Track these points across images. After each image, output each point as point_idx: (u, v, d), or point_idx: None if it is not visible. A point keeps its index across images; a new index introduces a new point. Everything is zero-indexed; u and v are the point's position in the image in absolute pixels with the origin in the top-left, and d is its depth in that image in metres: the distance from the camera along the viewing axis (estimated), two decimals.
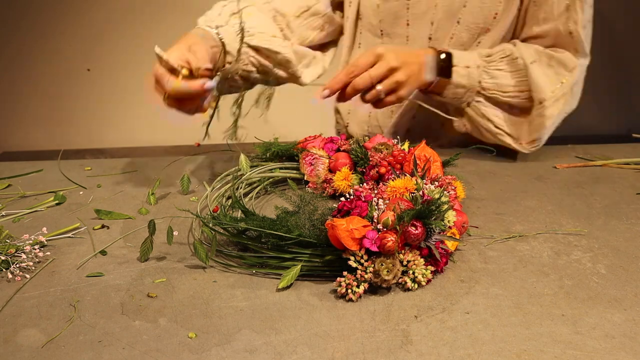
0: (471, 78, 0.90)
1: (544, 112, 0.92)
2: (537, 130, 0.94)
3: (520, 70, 0.91)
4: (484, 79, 0.91)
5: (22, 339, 0.50)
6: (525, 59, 0.91)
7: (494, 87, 0.92)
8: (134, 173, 0.92)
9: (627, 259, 0.63)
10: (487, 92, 0.92)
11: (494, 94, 0.93)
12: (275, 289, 0.57)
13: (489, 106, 0.94)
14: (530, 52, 0.92)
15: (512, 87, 0.92)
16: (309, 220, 0.61)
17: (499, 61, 0.92)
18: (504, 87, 0.92)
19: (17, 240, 0.65)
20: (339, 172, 0.76)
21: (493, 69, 0.92)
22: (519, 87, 0.92)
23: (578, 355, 0.47)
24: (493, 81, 0.92)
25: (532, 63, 0.91)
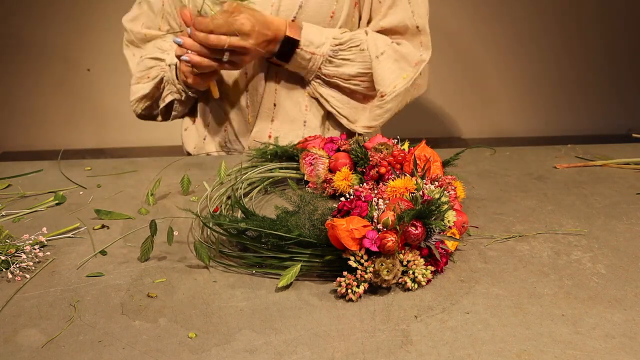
0: (313, 63, 0.95)
1: (383, 105, 0.98)
2: (375, 119, 1.00)
3: (366, 62, 0.95)
4: (325, 66, 0.95)
5: (22, 339, 0.50)
6: (371, 52, 0.95)
7: (335, 74, 0.96)
8: (134, 173, 0.92)
9: (627, 259, 0.63)
10: (327, 77, 0.97)
11: (334, 80, 0.97)
12: (275, 289, 0.57)
13: (325, 87, 0.99)
14: (379, 45, 0.96)
15: (355, 76, 0.96)
16: (309, 220, 0.61)
17: (347, 50, 0.95)
18: (345, 75, 0.96)
19: (17, 240, 0.65)
20: (339, 172, 0.76)
21: (339, 58, 0.95)
22: (362, 77, 0.97)
23: (578, 355, 0.47)
24: (335, 69, 0.96)
25: (378, 57, 0.95)
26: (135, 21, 1.07)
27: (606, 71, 1.88)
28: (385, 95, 0.96)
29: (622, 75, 1.90)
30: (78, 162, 0.97)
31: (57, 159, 0.96)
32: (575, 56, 1.86)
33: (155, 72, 1.03)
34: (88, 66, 1.80)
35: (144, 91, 1.05)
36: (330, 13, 0.96)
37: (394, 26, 0.98)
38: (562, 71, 1.89)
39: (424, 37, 0.98)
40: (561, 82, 1.90)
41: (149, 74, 1.04)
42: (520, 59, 1.89)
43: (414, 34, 0.98)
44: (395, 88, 0.97)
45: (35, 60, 1.78)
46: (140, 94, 1.05)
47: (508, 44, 1.88)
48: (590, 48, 1.87)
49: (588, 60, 1.86)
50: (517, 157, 1.00)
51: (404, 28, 0.97)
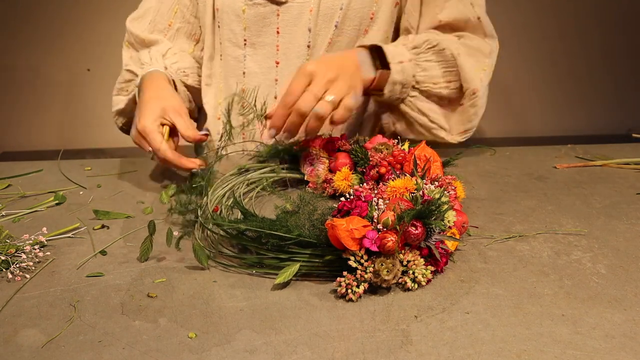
0: (406, 73, 0.85)
1: (477, 102, 0.90)
2: (470, 120, 0.92)
3: (448, 61, 0.88)
4: (417, 72, 0.87)
5: (22, 339, 0.50)
6: (451, 49, 0.87)
7: (426, 80, 0.88)
8: (134, 173, 0.92)
9: (627, 259, 0.63)
10: (421, 86, 0.88)
11: (427, 86, 0.88)
12: (275, 290, 0.57)
13: (424, 100, 0.90)
14: (452, 41, 0.89)
15: (441, 78, 0.89)
16: (309, 220, 0.61)
17: (426, 52, 0.88)
18: (434, 79, 0.88)
19: (17, 240, 0.65)
20: (339, 172, 0.76)
21: (423, 60, 0.88)
22: (448, 78, 0.89)
23: (578, 355, 0.47)
24: (425, 74, 0.88)
25: (459, 54, 0.88)
26: (138, 21, 1.00)
27: (606, 71, 1.88)
28: (477, 91, 0.89)
29: (622, 75, 1.90)
30: (78, 162, 0.97)
31: (57, 159, 0.96)
32: (574, 56, 1.86)
33: (131, 87, 0.96)
34: (88, 66, 1.80)
35: (121, 105, 0.98)
36: (370, 14, 0.91)
37: (455, 19, 0.90)
38: (561, 71, 1.89)
39: (486, 27, 0.92)
40: (561, 82, 1.91)
41: (127, 87, 0.98)
42: (519, 59, 1.89)
43: (476, 26, 0.91)
44: (482, 81, 0.90)
45: (36, 60, 1.78)
46: (118, 108, 0.99)
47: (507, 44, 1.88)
48: (590, 48, 1.87)
49: (588, 60, 1.86)
50: (517, 157, 1.00)
51: (465, 21, 0.90)
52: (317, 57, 0.83)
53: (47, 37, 1.75)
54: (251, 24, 0.92)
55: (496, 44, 0.93)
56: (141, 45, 1.00)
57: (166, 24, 0.99)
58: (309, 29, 0.91)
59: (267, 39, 0.93)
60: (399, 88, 0.86)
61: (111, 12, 1.70)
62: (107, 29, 1.71)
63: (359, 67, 0.80)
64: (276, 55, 0.94)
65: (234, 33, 0.94)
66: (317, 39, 0.92)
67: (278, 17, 0.91)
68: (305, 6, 0.90)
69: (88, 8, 1.73)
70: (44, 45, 1.76)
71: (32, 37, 1.75)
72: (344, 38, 0.92)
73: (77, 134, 1.85)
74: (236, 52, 0.95)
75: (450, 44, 0.88)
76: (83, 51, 1.76)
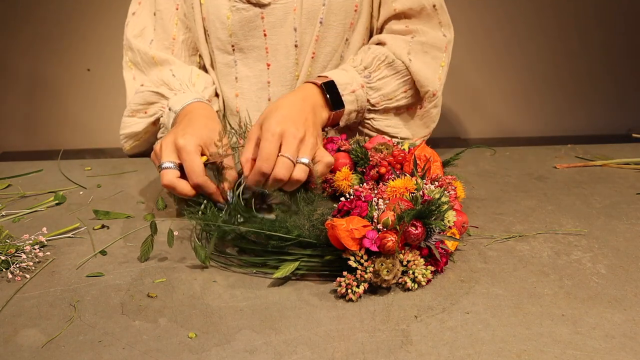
0: (359, 100, 0.85)
1: (438, 103, 0.91)
2: (433, 120, 0.93)
3: (401, 71, 0.88)
4: (370, 96, 0.87)
5: (22, 339, 0.50)
6: (402, 57, 0.87)
7: (381, 100, 0.88)
8: (134, 173, 0.92)
9: (627, 259, 0.63)
10: (377, 107, 0.88)
11: (383, 105, 0.89)
12: (275, 290, 0.57)
13: (381, 119, 0.90)
14: (402, 45, 0.88)
15: (398, 91, 0.89)
16: (309, 220, 0.61)
17: (377, 69, 0.88)
18: (390, 95, 0.88)
19: (17, 240, 0.65)
20: (339, 172, 0.76)
21: (376, 80, 0.87)
22: (404, 88, 0.89)
23: (578, 355, 0.47)
24: (379, 94, 0.88)
25: (410, 58, 0.87)
26: (142, 37, 0.95)
27: (606, 71, 1.88)
28: (437, 92, 0.89)
29: (622, 75, 1.90)
30: (78, 162, 0.97)
31: (57, 159, 0.96)
32: (574, 56, 1.86)
33: (153, 110, 0.92)
34: (88, 66, 1.80)
35: (136, 128, 0.93)
36: (355, 7, 0.91)
37: (409, 8, 0.89)
38: (561, 71, 1.89)
39: (442, 16, 0.90)
40: (561, 82, 1.90)
41: (147, 109, 0.92)
42: (519, 59, 1.88)
43: (431, 14, 0.90)
44: (441, 80, 0.90)
45: (36, 60, 1.78)
46: (132, 130, 0.94)
47: (507, 44, 1.88)
48: (590, 48, 1.87)
49: (588, 60, 1.86)
50: (517, 157, 1.00)
51: (419, 9, 0.89)
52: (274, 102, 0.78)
53: (47, 37, 1.75)
54: (236, 30, 0.91)
55: (452, 34, 0.92)
56: (149, 64, 0.94)
57: (170, 38, 0.95)
58: (294, 28, 0.91)
59: (255, 42, 0.93)
60: (354, 115, 0.87)
61: (111, 12, 1.70)
62: (107, 29, 1.71)
63: (315, 113, 0.79)
64: (266, 58, 0.93)
65: (221, 40, 0.93)
66: (304, 37, 0.92)
67: (263, 20, 0.91)
68: (289, 6, 0.90)
69: (88, 8, 1.73)
70: (44, 46, 1.76)
71: (32, 37, 1.75)
72: (330, 33, 0.92)
73: (77, 134, 1.85)
74: (226, 59, 0.94)
75: (402, 51, 0.87)
76: (83, 51, 1.76)
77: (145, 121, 0.93)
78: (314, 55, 0.93)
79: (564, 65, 1.87)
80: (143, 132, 0.95)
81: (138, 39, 0.95)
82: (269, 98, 0.95)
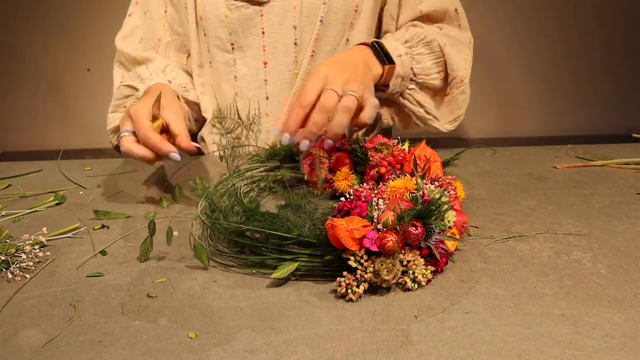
0: (405, 66, 0.87)
1: (465, 90, 0.93)
2: (459, 107, 0.94)
3: (436, 52, 0.90)
4: (413, 65, 0.89)
5: (22, 339, 0.50)
6: (437, 40, 0.90)
7: (421, 72, 0.90)
8: (134, 173, 0.92)
9: (627, 259, 0.63)
10: (418, 78, 0.90)
11: (422, 78, 0.91)
12: (275, 290, 0.57)
13: (420, 92, 0.92)
14: (437, 34, 0.91)
15: (433, 69, 0.91)
16: (309, 219, 0.61)
17: (416, 45, 0.90)
18: (427, 70, 0.91)
19: (17, 240, 0.65)
20: (339, 172, 0.76)
21: (416, 53, 0.90)
22: (438, 69, 0.91)
23: (578, 355, 0.47)
24: (419, 66, 0.90)
25: (445, 44, 0.90)
26: (128, 39, 0.98)
27: (606, 71, 1.88)
28: (464, 79, 0.92)
29: (622, 75, 1.90)
30: (78, 162, 0.97)
31: (57, 159, 0.96)
32: (574, 56, 1.86)
33: (130, 102, 0.94)
34: (88, 66, 1.80)
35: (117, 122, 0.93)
36: (355, 7, 0.92)
37: (434, 10, 0.93)
38: (561, 71, 1.89)
39: (462, 19, 0.95)
40: (561, 82, 1.90)
41: (125, 103, 0.95)
42: (519, 59, 1.88)
43: (453, 17, 0.94)
44: (467, 70, 0.93)
45: (35, 60, 1.78)
46: (115, 125, 0.95)
47: (507, 45, 1.88)
48: (590, 48, 1.87)
49: (588, 60, 1.86)
50: (517, 157, 1.00)
51: (443, 12, 0.94)
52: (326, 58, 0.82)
53: (47, 37, 1.75)
54: (236, 28, 0.92)
55: (471, 36, 0.96)
56: (133, 63, 0.97)
57: (156, 39, 0.97)
58: (294, 26, 0.91)
59: (253, 41, 0.93)
60: (399, 81, 0.88)
61: (112, 12, 1.70)
62: (107, 29, 1.71)
63: (367, 65, 0.81)
64: (263, 56, 0.94)
65: (220, 39, 0.93)
66: (303, 35, 0.92)
67: (262, 18, 0.91)
68: (288, 4, 0.90)
69: (88, 8, 1.73)
70: (44, 45, 1.76)
71: (32, 37, 1.75)
72: (330, 32, 0.93)
73: (77, 134, 1.85)
74: (226, 57, 0.95)
75: (435, 35, 0.90)
76: (83, 51, 1.76)
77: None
78: (313, 53, 0.93)
79: (564, 65, 1.87)
80: None
81: (125, 40, 0.99)
82: (267, 96, 0.96)
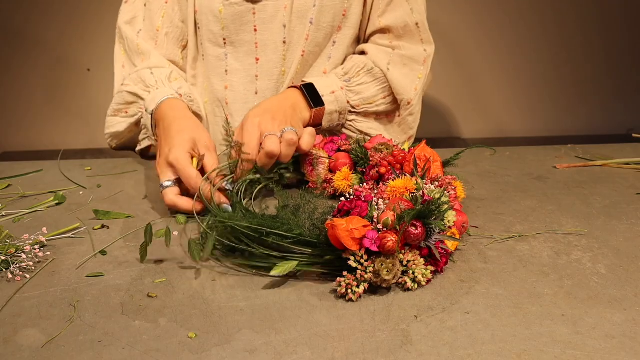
0: (340, 101, 0.91)
1: (413, 111, 0.96)
2: (410, 128, 0.98)
3: (380, 78, 0.94)
4: (350, 97, 0.93)
5: (22, 339, 0.50)
6: (380, 66, 0.94)
7: (362, 102, 0.94)
8: (134, 173, 0.92)
9: (627, 259, 0.63)
10: (358, 109, 0.94)
11: (363, 108, 0.94)
12: (275, 290, 0.57)
13: (363, 121, 0.96)
14: (382, 57, 0.95)
15: (378, 96, 0.95)
16: (309, 219, 0.61)
17: (357, 75, 0.94)
18: (370, 99, 0.94)
19: (17, 240, 0.65)
20: (339, 172, 0.76)
21: (355, 85, 0.93)
22: (383, 94, 0.95)
23: (578, 355, 0.47)
24: (359, 97, 0.93)
25: (388, 67, 0.94)
26: (132, 24, 0.99)
27: (606, 71, 1.88)
28: (411, 100, 0.95)
29: (622, 75, 1.89)
30: (78, 162, 0.97)
31: (57, 159, 0.96)
32: (574, 56, 1.86)
33: (133, 111, 0.96)
34: (88, 66, 1.80)
35: (119, 127, 0.98)
36: (343, 11, 0.95)
37: (393, 24, 0.96)
38: (561, 71, 1.89)
39: (424, 33, 0.97)
40: (561, 82, 1.90)
41: (127, 109, 0.96)
42: (519, 59, 1.88)
43: (413, 31, 0.96)
44: (417, 90, 0.96)
45: (36, 60, 1.78)
46: (115, 130, 0.98)
47: (507, 44, 1.88)
48: (590, 48, 1.87)
49: (588, 60, 1.86)
50: (517, 157, 1.00)
51: (403, 26, 0.96)
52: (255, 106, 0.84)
53: (47, 37, 1.75)
54: (229, 23, 0.94)
55: (432, 49, 0.98)
56: (135, 52, 0.98)
57: (155, 30, 0.98)
58: (283, 25, 0.93)
59: (245, 37, 0.95)
60: (336, 116, 0.92)
61: (112, 12, 1.70)
62: (107, 29, 1.71)
63: (295, 109, 0.85)
64: (255, 52, 0.96)
65: (213, 33, 0.95)
66: (292, 35, 0.94)
67: (254, 15, 0.93)
68: (279, 3, 0.93)
69: (88, 8, 1.73)
70: (44, 45, 1.76)
71: (32, 37, 1.75)
72: (320, 34, 0.95)
73: (77, 134, 1.85)
74: (217, 52, 0.97)
75: (381, 60, 0.94)
76: (83, 51, 1.76)
77: (127, 121, 0.97)
78: (303, 53, 0.95)
79: (564, 65, 1.87)
80: (126, 131, 0.99)
81: (128, 25, 0.99)
82: (256, 91, 0.98)
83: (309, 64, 0.98)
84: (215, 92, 0.99)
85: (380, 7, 0.96)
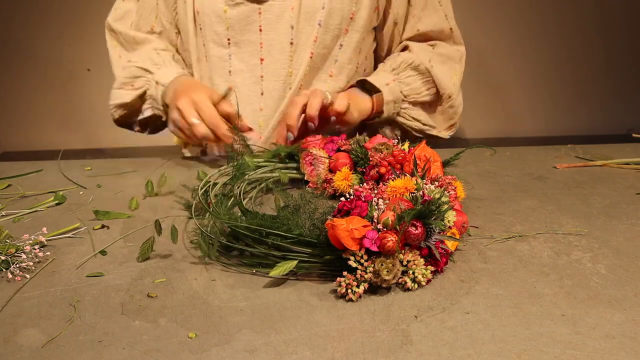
0: (394, 91, 1.00)
1: (453, 103, 1.05)
2: (451, 118, 1.07)
3: (424, 73, 1.02)
4: (402, 88, 1.01)
5: (22, 339, 0.50)
6: (424, 63, 1.02)
7: (411, 92, 1.02)
8: (134, 173, 0.92)
9: (627, 259, 0.63)
10: (409, 98, 1.03)
11: (413, 97, 1.03)
12: (275, 290, 0.57)
13: (413, 109, 1.04)
14: (423, 55, 1.03)
15: (422, 88, 1.03)
16: (309, 219, 0.61)
17: (404, 70, 1.02)
18: (417, 90, 1.03)
19: (17, 240, 0.65)
20: (339, 172, 0.76)
21: (405, 77, 1.02)
22: (427, 87, 1.03)
23: (578, 355, 0.47)
24: (409, 87, 1.02)
25: (432, 64, 1.02)
26: (123, 20, 1.03)
27: (606, 71, 1.88)
28: (452, 94, 1.04)
29: (622, 75, 1.90)
30: (78, 162, 0.97)
31: (57, 159, 0.96)
32: (574, 56, 1.86)
33: (140, 83, 1.00)
34: (88, 66, 1.80)
35: (125, 99, 1.01)
36: (350, 14, 0.96)
37: (431, 30, 1.04)
38: (561, 71, 1.89)
39: (456, 36, 1.07)
40: (561, 82, 1.91)
41: (133, 82, 1.00)
42: (519, 59, 1.89)
43: (448, 35, 1.05)
44: (456, 85, 1.05)
45: (36, 60, 1.78)
46: (122, 101, 1.02)
47: (507, 44, 1.88)
48: (590, 48, 1.87)
49: (588, 60, 1.86)
50: (517, 157, 1.00)
51: (439, 31, 1.04)
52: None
53: (48, 37, 1.75)
54: (234, 23, 0.94)
55: (464, 50, 1.08)
56: (132, 43, 1.02)
57: (149, 28, 1.03)
58: (291, 26, 0.94)
59: (250, 37, 0.95)
60: (392, 106, 1.01)
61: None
62: None
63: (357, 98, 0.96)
64: (260, 53, 0.96)
65: (217, 34, 0.95)
66: (300, 36, 0.95)
67: (260, 16, 0.93)
68: (286, 4, 0.93)
69: (88, 8, 1.73)
70: (44, 45, 1.76)
71: (32, 37, 1.75)
72: (328, 36, 0.96)
73: (77, 134, 1.85)
74: (221, 52, 0.97)
75: (424, 57, 1.02)
76: (83, 51, 1.77)
77: (134, 93, 1.01)
78: (312, 55, 0.95)
79: (564, 65, 1.87)
80: (132, 103, 1.02)
81: (118, 22, 1.04)
82: (262, 92, 0.98)
83: (317, 67, 0.98)
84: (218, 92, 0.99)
85: (414, 13, 1.03)
